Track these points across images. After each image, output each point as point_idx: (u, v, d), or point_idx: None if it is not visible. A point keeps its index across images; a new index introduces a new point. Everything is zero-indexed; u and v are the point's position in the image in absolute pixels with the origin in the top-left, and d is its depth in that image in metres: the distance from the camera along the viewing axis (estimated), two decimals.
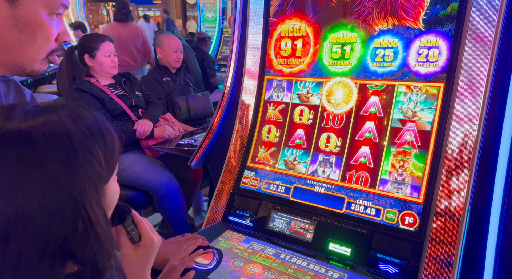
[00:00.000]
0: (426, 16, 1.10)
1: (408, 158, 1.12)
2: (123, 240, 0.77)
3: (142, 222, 0.79)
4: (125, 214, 0.76)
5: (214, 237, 1.27)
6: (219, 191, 1.45)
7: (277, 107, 1.42)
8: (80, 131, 0.53)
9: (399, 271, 1.04)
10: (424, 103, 1.11)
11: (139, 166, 2.07)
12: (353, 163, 1.21)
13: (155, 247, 0.79)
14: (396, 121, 1.15)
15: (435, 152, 1.07)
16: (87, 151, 0.52)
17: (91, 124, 0.55)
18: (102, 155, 0.54)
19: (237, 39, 1.52)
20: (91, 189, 0.52)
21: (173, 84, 2.73)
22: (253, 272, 1.08)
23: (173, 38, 2.80)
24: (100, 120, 0.58)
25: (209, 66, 4.57)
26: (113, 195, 0.63)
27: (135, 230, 0.77)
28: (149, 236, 0.78)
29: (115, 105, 2.12)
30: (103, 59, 2.13)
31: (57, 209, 0.48)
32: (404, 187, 1.11)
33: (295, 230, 1.24)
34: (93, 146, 0.53)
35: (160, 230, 2.31)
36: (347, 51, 1.25)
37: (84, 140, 0.52)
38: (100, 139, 0.55)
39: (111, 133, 0.59)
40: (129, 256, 0.76)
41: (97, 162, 0.53)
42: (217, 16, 7.39)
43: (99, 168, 0.53)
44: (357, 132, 1.22)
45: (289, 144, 1.36)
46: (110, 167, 0.58)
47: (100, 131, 0.56)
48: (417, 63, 1.12)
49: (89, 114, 0.57)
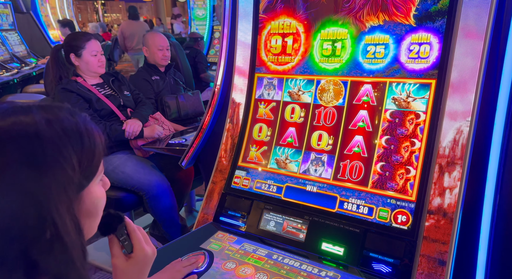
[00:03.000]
0: (417, 11, 1.09)
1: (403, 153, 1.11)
2: (115, 251, 0.73)
3: (135, 232, 0.75)
4: (117, 224, 0.73)
5: (205, 238, 1.25)
6: (210, 191, 1.42)
7: (268, 105, 1.39)
8: (53, 132, 0.50)
9: (392, 270, 1.03)
10: (416, 100, 1.10)
11: (129, 167, 2.03)
12: (347, 152, 1.20)
13: (148, 260, 0.75)
14: (390, 112, 1.14)
15: (427, 149, 1.06)
16: (58, 154, 0.49)
17: (68, 126, 0.52)
18: (76, 158, 0.52)
19: (227, 36, 1.50)
20: (59, 194, 0.49)
21: (162, 83, 2.68)
22: (245, 273, 1.06)
23: (158, 36, 2.73)
24: (82, 121, 0.55)
25: (201, 62, 4.54)
26: (96, 202, 0.59)
27: (128, 241, 0.74)
28: (142, 247, 0.74)
29: (103, 105, 2.07)
30: (90, 58, 2.07)
31: (19, 213, 0.45)
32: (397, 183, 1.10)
33: (288, 230, 1.22)
34: (66, 148, 0.50)
35: (152, 231, 2.28)
36: (338, 48, 1.24)
37: (56, 142, 0.50)
38: (76, 142, 0.52)
39: (92, 136, 0.56)
40: (119, 267, 0.73)
41: (69, 165, 0.50)
42: (208, 14, 7.34)
43: (70, 172, 0.51)
44: (349, 125, 1.21)
45: (281, 143, 1.34)
46: (87, 171, 0.55)
47: (78, 134, 0.53)
48: (408, 59, 1.11)
49: (69, 116, 0.54)
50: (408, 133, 1.10)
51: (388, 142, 1.13)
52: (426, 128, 1.07)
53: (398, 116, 1.13)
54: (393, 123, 1.13)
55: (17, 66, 5.35)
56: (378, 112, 1.16)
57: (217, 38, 6.97)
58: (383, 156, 1.14)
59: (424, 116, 1.08)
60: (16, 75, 4.87)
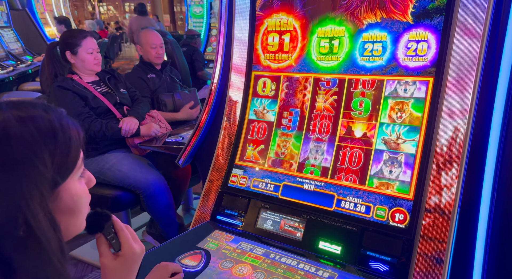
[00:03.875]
0: (414, 9, 1.08)
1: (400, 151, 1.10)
2: (102, 249, 0.73)
3: (123, 230, 0.74)
4: (104, 222, 0.72)
5: (202, 237, 1.24)
6: (207, 190, 1.42)
7: (265, 104, 1.38)
8: (23, 129, 0.50)
9: (389, 269, 1.02)
10: (413, 98, 1.09)
11: (125, 165, 2.01)
12: (344, 151, 1.19)
13: (137, 258, 0.74)
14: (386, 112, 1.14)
15: (425, 147, 1.06)
16: (29, 151, 0.49)
17: (41, 123, 0.52)
18: (48, 155, 0.51)
19: (224, 33, 1.48)
20: (31, 191, 0.49)
21: (158, 81, 2.66)
22: (242, 273, 1.06)
23: (150, 34, 2.68)
24: (56, 117, 0.55)
25: (198, 60, 4.51)
26: (76, 199, 0.58)
27: (116, 239, 0.73)
28: (130, 245, 0.73)
29: (99, 102, 2.06)
30: (86, 56, 2.05)
31: None
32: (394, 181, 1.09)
33: (285, 228, 1.22)
34: (37, 145, 0.50)
35: (149, 230, 2.27)
36: (335, 46, 1.23)
37: (26, 139, 0.50)
38: (49, 139, 0.52)
39: (68, 131, 0.55)
40: (107, 266, 0.72)
41: (41, 161, 0.50)
42: (205, 11, 7.30)
43: (42, 169, 0.50)
44: (348, 124, 1.20)
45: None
46: (62, 167, 0.54)
47: (52, 130, 0.53)
48: (406, 57, 1.11)
49: (43, 112, 0.54)
50: (405, 131, 1.10)
51: (386, 141, 1.13)
52: (423, 126, 1.07)
53: (395, 114, 1.12)
54: (390, 121, 1.13)
55: (12, 63, 5.30)
56: (375, 110, 1.16)
57: (214, 35, 6.94)
58: (380, 154, 1.13)
59: (422, 114, 1.08)
60: (12, 73, 4.82)
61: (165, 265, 0.98)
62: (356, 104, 1.19)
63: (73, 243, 2.39)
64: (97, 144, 2.05)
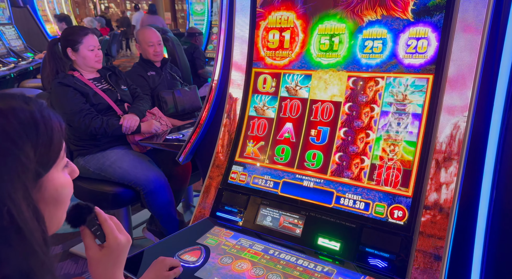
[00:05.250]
0: (415, 6, 1.08)
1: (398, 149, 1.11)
2: (88, 242, 0.73)
3: (106, 221, 0.74)
4: (86, 215, 0.72)
5: (202, 233, 1.24)
6: (206, 187, 1.42)
7: (265, 100, 1.39)
8: (4, 122, 0.50)
9: (388, 265, 1.03)
10: (413, 94, 1.10)
11: (126, 162, 2.02)
12: (344, 148, 1.19)
13: (122, 247, 0.74)
14: (387, 106, 1.14)
15: (424, 144, 1.06)
16: (10, 142, 0.50)
17: (22, 115, 0.52)
18: (30, 145, 0.52)
19: (224, 30, 1.48)
20: (13, 182, 0.49)
21: (158, 79, 2.66)
22: (241, 268, 1.06)
23: (147, 31, 2.66)
24: (37, 109, 0.55)
25: (199, 58, 4.50)
26: (60, 190, 0.58)
27: (100, 231, 0.73)
28: (114, 236, 0.73)
29: (99, 99, 2.06)
30: (87, 53, 2.06)
31: None
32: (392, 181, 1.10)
33: (284, 225, 1.22)
34: (19, 137, 0.51)
35: (149, 227, 2.27)
36: (335, 43, 1.23)
37: (6, 131, 0.50)
38: (31, 130, 0.52)
39: (49, 122, 0.55)
40: (94, 258, 0.72)
41: (23, 153, 0.51)
42: (206, 9, 7.29)
43: (25, 160, 0.51)
44: (345, 121, 1.21)
45: (278, 138, 1.34)
46: (44, 158, 0.54)
47: (33, 122, 0.53)
48: (406, 54, 1.11)
49: (23, 103, 0.54)
50: (405, 128, 1.10)
51: (385, 138, 1.13)
52: (423, 123, 1.07)
53: (394, 111, 1.12)
54: (389, 118, 1.13)
55: (14, 60, 5.31)
56: (375, 108, 1.16)
57: (215, 33, 6.93)
58: (379, 151, 1.13)
59: (421, 111, 1.08)
60: (13, 70, 4.83)
61: (162, 259, 0.98)
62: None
63: (73, 239, 2.40)
64: (98, 141, 2.06)
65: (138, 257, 1.12)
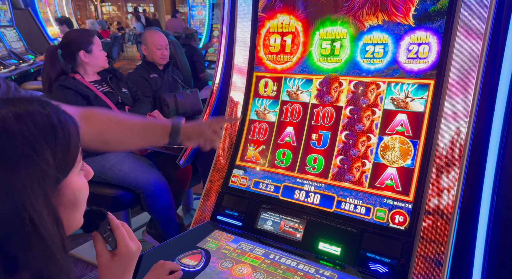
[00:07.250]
0: (416, 12, 1.08)
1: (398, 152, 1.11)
2: (99, 248, 0.72)
3: (119, 228, 0.74)
4: (100, 220, 0.71)
5: (202, 237, 1.24)
6: (207, 190, 1.42)
7: (266, 104, 1.39)
8: (22, 127, 0.49)
9: (389, 270, 1.02)
10: (414, 100, 1.10)
11: (126, 165, 2.02)
12: (345, 152, 1.19)
13: (132, 256, 0.74)
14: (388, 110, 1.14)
15: (425, 150, 1.06)
16: (30, 149, 0.49)
17: (40, 119, 0.51)
18: (50, 151, 0.51)
19: (226, 34, 1.49)
20: (34, 189, 0.48)
21: (160, 81, 2.67)
22: (242, 273, 1.06)
23: (157, 35, 2.70)
24: (54, 113, 0.54)
25: (199, 61, 4.51)
26: (77, 193, 0.58)
27: (112, 237, 0.73)
28: (126, 244, 0.73)
29: (100, 102, 2.06)
30: (99, 53, 2.10)
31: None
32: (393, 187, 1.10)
33: (285, 229, 1.22)
34: (37, 142, 0.50)
35: (149, 230, 2.27)
36: (336, 48, 1.23)
37: (26, 137, 0.49)
38: (49, 135, 0.51)
39: (66, 127, 0.54)
40: (104, 265, 0.72)
41: (43, 160, 0.50)
42: (207, 12, 7.32)
43: (44, 166, 0.50)
44: (347, 125, 1.21)
45: (279, 142, 1.34)
46: (63, 164, 0.54)
47: (51, 127, 0.52)
48: (407, 59, 1.11)
49: (40, 108, 0.53)
50: (406, 133, 1.10)
51: (385, 143, 1.13)
52: (424, 129, 1.07)
53: (395, 116, 1.12)
54: (390, 123, 1.13)
55: (15, 62, 5.32)
56: (376, 112, 1.16)
57: (216, 36, 6.95)
58: (380, 157, 1.13)
59: (422, 116, 1.08)
60: (14, 72, 4.84)
61: (162, 263, 0.98)
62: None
63: (73, 242, 2.40)
64: None
65: (138, 261, 1.11)
